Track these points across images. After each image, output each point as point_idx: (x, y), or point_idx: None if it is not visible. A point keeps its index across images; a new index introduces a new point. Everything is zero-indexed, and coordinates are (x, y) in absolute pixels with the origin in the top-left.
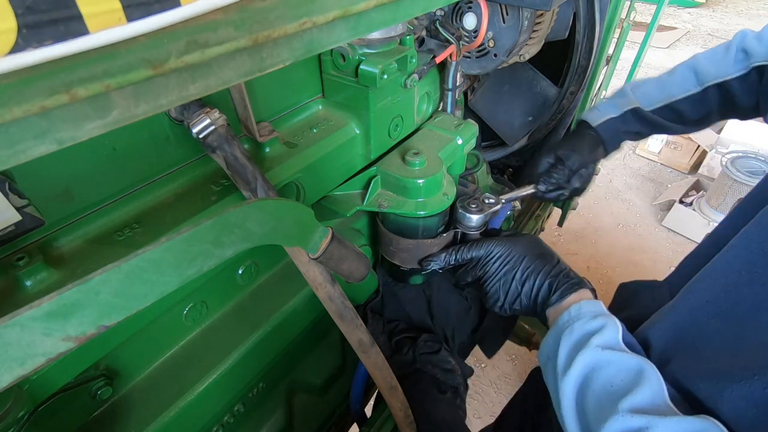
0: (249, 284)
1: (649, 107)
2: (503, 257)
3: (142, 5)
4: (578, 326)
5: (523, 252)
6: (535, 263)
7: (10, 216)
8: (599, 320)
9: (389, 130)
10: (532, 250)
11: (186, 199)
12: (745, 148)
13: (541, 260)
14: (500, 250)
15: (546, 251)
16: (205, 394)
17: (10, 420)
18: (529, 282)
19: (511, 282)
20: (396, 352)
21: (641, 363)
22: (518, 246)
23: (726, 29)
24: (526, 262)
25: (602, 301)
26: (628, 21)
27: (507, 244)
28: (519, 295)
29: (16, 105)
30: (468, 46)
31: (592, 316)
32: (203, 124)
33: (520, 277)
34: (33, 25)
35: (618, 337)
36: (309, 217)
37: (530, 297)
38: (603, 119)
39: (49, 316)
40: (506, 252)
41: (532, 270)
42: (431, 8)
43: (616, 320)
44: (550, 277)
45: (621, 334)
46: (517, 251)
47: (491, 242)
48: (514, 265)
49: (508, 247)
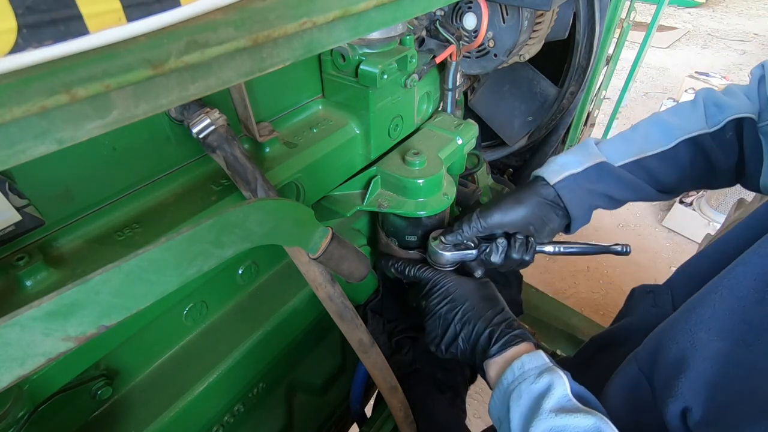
0: (249, 284)
1: (618, 162)
2: (445, 293)
3: (142, 5)
4: (525, 388)
5: (467, 293)
6: (478, 307)
7: (10, 216)
8: (545, 378)
9: (389, 130)
10: (478, 293)
11: (186, 199)
12: None
13: (484, 305)
14: (444, 283)
15: (492, 296)
16: (205, 394)
17: (10, 420)
18: (468, 326)
19: (450, 322)
20: (396, 352)
21: (597, 423)
22: (464, 286)
23: (726, 29)
24: (468, 304)
25: (541, 351)
26: (628, 21)
27: (454, 281)
28: (456, 338)
29: (16, 105)
30: (468, 46)
31: (537, 374)
32: (203, 124)
33: (459, 319)
34: (33, 25)
35: (567, 393)
36: (309, 217)
37: (468, 342)
38: (562, 175)
39: (49, 316)
40: (450, 288)
41: (474, 314)
42: (431, 8)
43: (561, 373)
44: (492, 326)
45: (570, 389)
46: (462, 291)
47: (439, 273)
48: (456, 305)
49: (454, 285)
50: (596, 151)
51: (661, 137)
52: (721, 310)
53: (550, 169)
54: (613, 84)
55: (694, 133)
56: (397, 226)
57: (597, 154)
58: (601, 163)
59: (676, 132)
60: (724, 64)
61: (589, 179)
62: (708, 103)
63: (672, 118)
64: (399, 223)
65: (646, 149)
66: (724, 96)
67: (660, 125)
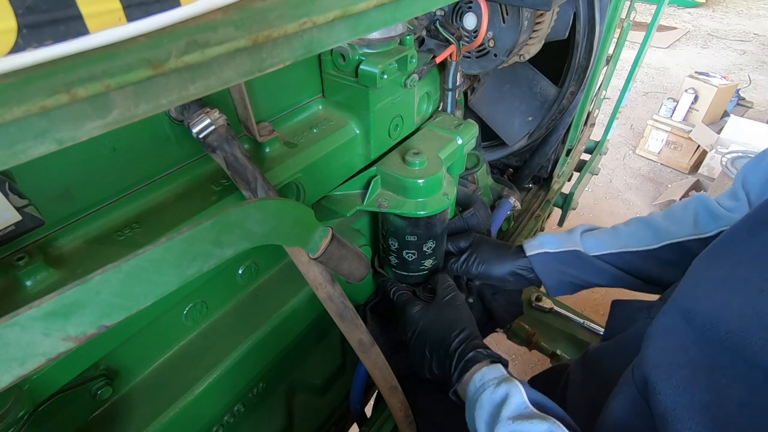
0: (249, 284)
1: (595, 252)
2: (414, 325)
3: (142, 5)
4: (486, 398)
5: (431, 320)
6: (443, 334)
7: (10, 216)
8: (503, 388)
9: (389, 130)
10: (441, 316)
11: (186, 199)
12: (745, 148)
13: (447, 329)
14: (412, 315)
15: (454, 317)
16: (205, 394)
17: (10, 420)
18: (436, 355)
19: (423, 353)
20: (396, 353)
21: (550, 427)
22: (428, 314)
23: (726, 29)
24: (432, 333)
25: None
26: (628, 21)
27: (419, 310)
28: (431, 365)
29: (16, 105)
30: (468, 46)
31: (496, 384)
32: (203, 124)
33: (429, 349)
34: (33, 25)
35: (524, 400)
36: (309, 217)
37: (441, 369)
38: (538, 250)
39: (49, 316)
40: (416, 318)
41: (437, 344)
42: (431, 8)
43: (517, 382)
44: (453, 352)
45: (526, 396)
46: (427, 320)
47: (408, 301)
48: (422, 336)
49: (419, 314)
50: (577, 239)
51: (648, 237)
52: None
53: (531, 243)
54: (613, 84)
55: (681, 238)
56: (398, 226)
57: (575, 242)
58: (575, 251)
59: (662, 235)
60: (724, 64)
61: (562, 261)
62: (700, 210)
63: (663, 222)
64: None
65: (629, 245)
66: (719, 207)
67: (649, 226)
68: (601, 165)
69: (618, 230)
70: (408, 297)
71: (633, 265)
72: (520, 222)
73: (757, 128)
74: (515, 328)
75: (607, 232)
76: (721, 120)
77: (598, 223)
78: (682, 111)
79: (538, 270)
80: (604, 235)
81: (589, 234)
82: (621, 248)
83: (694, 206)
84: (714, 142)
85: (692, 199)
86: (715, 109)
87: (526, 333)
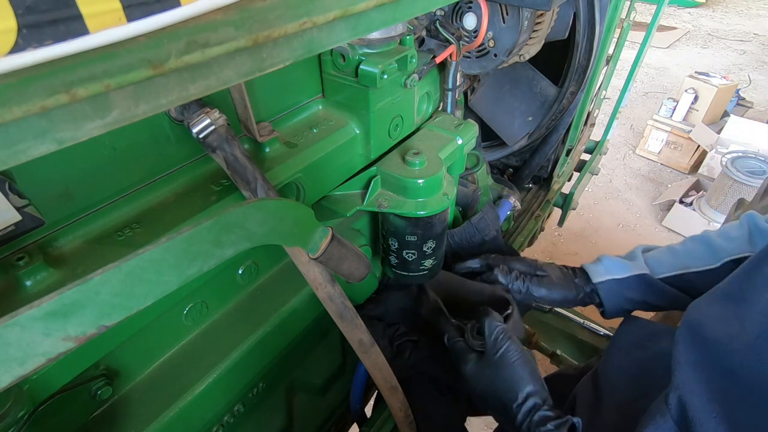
0: (249, 284)
1: (660, 275)
2: (473, 389)
3: (142, 5)
4: None
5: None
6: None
7: (10, 216)
8: None
9: (389, 130)
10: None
11: (186, 199)
12: (745, 148)
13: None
14: (468, 374)
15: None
16: (205, 394)
17: (10, 420)
18: (505, 420)
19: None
20: (398, 356)
21: None
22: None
23: (726, 29)
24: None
25: None
26: (628, 21)
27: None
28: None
29: (16, 105)
30: (468, 46)
31: None
32: (203, 124)
33: (495, 414)
34: (33, 25)
35: None
36: (309, 217)
37: None
38: (605, 278)
39: (49, 316)
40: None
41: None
42: (431, 8)
43: None
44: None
45: None
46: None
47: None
48: (486, 401)
49: (473, 377)
50: (641, 262)
51: (707, 256)
52: None
53: (596, 269)
54: (613, 84)
55: (739, 255)
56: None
57: (641, 266)
58: (643, 275)
59: (721, 253)
60: (724, 64)
61: (627, 286)
62: (754, 229)
63: (719, 240)
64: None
65: (690, 265)
66: None
67: (707, 245)
68: (601, 165)
69: (675, 250)
70: (461, 348)
71: (694, 286)
72: (520, 222)
73: (757, 128)
74: None
75: (666, 252)
76: (721, 120)
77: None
78: (682, 111)
79: (605, 297)
80: (663, 255)
81: (651, 254)
82: (683, 269)
83: (747, 224)
84: (714, 142)
85: (744, 217)
86: (715, 109)
87: (526, 333)
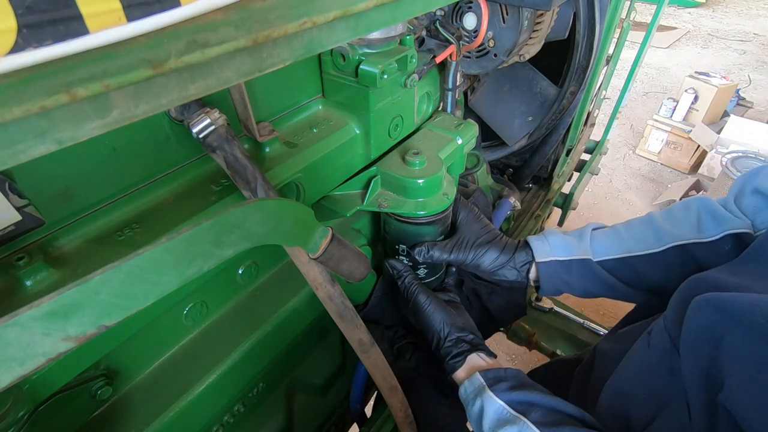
0: (249, 284)
1: (601, 258)
2: None
3: (142, 5)
4: (470, 411)
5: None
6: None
7: (10, 216)
8: (477, 403)
9: (389, 130)
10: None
11: (186, 199)
12: (745, 148)
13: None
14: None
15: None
16: (205, 394)
17: (10, 420)
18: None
19: None
20: (399, 358)
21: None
22: None
23: (726, 29)
24: None
25: (477, 373)
26: (628, 21)
27: None
28: None
29: (16, 105)
30: (468, 46)
31: (473, 398)
32: (203, 124)
33: None
34: (33, 25)
35: (499, 405)
36: (309, 217)
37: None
38: (548, 258)
39: (49, 316)
40: None
41: None
42: (431, 8)
43: (489, 393)
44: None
45: (502, 401)
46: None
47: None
48: None
49: None
50: (587, 245)
51: (651, 240)
52: None
53: (542, 247)
54: (613, 84)
55: (684, 241)
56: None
57: (585, 249)
58: (585, 260)
59: (666, 237)
60: (724, 64)
61: (567, 269)
62: (703, 212)
63: (664, 223)
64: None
65: (633, 249)
66: (721, 208)
67: (651, 227)
68: (601, 165)
69: (619, 232)
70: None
71: (637, 272)
72: (520, 222)
73: (757, 128)
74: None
75: (611, 233)
76: (721, 120)
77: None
78: (682, 111)
79: (544, 278)
80: (608, 238)
81: (598, 234)
82: (625, 253)
83: (697, 208)
84: (714, 142)
85: (694, 200)
86: (715, 109)
87: (526, 333)
